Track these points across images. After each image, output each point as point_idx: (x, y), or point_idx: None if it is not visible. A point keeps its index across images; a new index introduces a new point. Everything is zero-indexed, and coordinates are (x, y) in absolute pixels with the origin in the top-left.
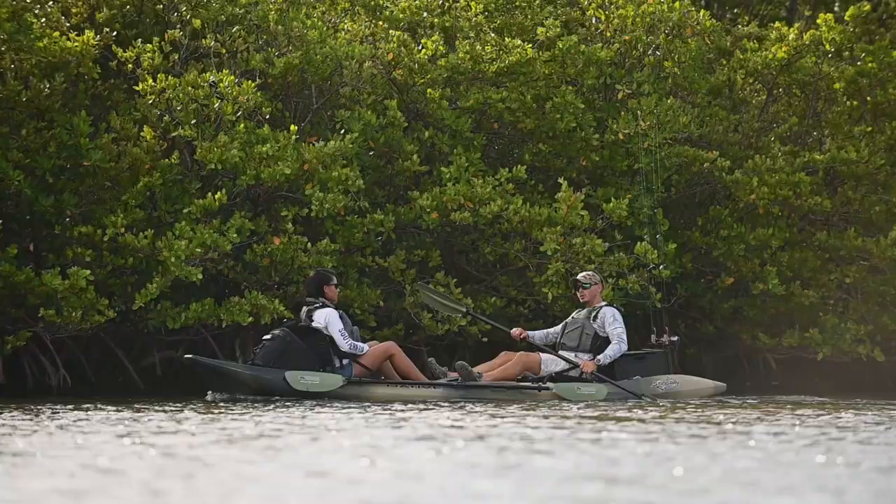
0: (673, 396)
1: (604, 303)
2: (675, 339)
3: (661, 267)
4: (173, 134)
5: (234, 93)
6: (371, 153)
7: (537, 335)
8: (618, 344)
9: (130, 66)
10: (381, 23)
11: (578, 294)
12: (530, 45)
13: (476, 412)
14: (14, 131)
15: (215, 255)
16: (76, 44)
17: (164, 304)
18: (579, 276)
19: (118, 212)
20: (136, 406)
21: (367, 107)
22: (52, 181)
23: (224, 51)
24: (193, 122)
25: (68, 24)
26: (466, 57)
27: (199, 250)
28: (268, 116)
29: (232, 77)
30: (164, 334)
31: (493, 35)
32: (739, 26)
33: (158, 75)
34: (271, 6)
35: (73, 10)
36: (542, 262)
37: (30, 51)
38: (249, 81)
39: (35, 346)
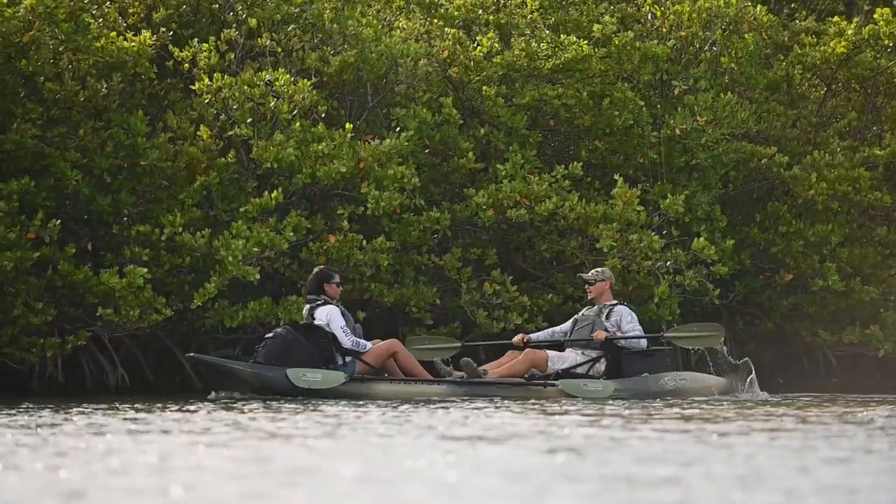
0: (681, 393)
1: (615, 301)
2: None
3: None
4: (229, 133)
5: (290, 91)
6: (426, 151)
7: (541, 335)
8: (637, 334)
9: (187, 65)
10: (436, 20)
11: (587, 291)
12: (586, 42)
13: (541, 413)
14: (72, 131)
15: (272, 253)
16: (133, 44)
17: (221, 303)
18: (587, 274)
19: (175, 211)
20: (194, 404)
21: (422, 104)
22: (109, 181)
23: (280, 49)
24: (249, 120)
25: (125, 25)
26: (522, 54)
27: (255, 249)
28: (323, 115)
29: (288, 76)
30: (222, 333)
31: (548, 32)
32: (797, 21)
33: (215, 74)
34: (326, 5)
35: (130, 11)
36: (598, 259)
37: (87, 51)
38: (305, 80)
39: (94, 346)
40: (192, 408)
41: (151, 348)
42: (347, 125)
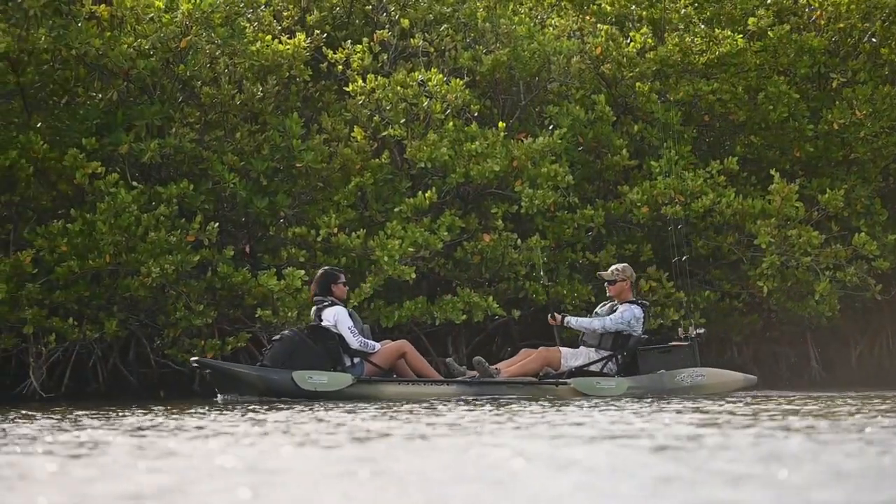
0: (699, 389)
1: (633, 300)
2: (701, 331)
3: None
4: (383, 133)
5: (443, 91)
6: (580, 148)
7: (576, 319)
8: (592, 320)
9: (340, 67)
10: (588, 17)
11: (606, 289)
12: (741, 36)
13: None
14: (228, 135)
15: (426, 253)
16: (288, 47)
17: (377, 303)
18: (606, 272)
19: (330, 212)
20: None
21: (575, 102)
22: (265, 183)
23: (432, 49)
24: (403, 121)
25: (280, 28)
26: (676, 49)
27: (410, 249)
28: (476, 114)
29: (440, 75)
30: (378, 332)
31: (702, 27)
32: None
33: (368, 76)
34: (479, 4)
35: (285, 14)
36: (756, 255)
37: (243, 55)
38: (458, 79)
39: (253, 346)
40: (330, 407)
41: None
42: (500, 124)
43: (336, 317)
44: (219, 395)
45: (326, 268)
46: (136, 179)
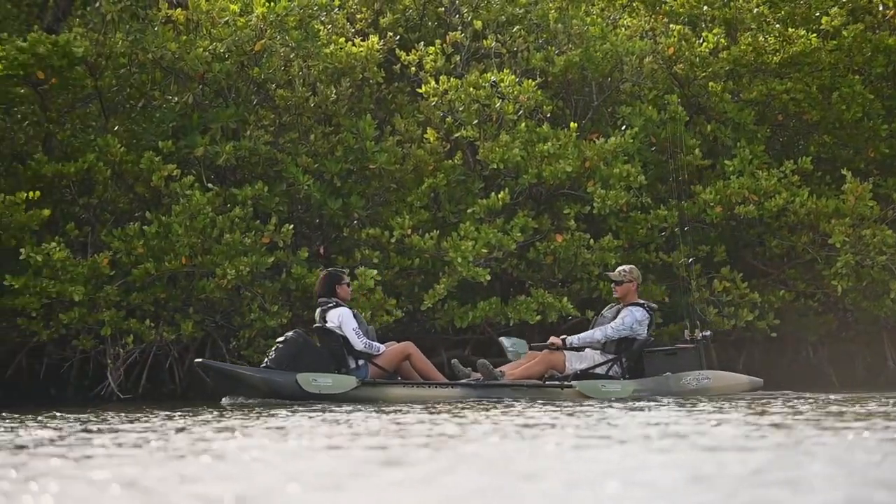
0: (705, 392)
1: (639, 302)
2: (708, 334)
3: None
4: (456, 135)
5: (515, 92)
6: (653, 148)
7: (578, 337)
8: (593, 331)
9: (413, 68)
10: (660, 17)
11: (613, 290)
12: (814, 35)
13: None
14: (303, 137)
15: (499, 254)
16: (361, 49)
17: (450, 304)
18: (613, 273)
19: (404, 213)
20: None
21: (647, 102)
22: (339, 184)
23: (505, 51)
24: (475, 122)
25: (353, 30)
26: (749, 49)
27: (484, 250)
28: (548, 115)
29: (513, 76)
30: (452, 333)
31: (776, 26)
32: None
33: (441, 77)
34: (551, 5)
35: (358, 17)
36: (830, 255)
37: (317, 57)
38: (530, 80)
39: None
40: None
41: None
42: (572, 124)
43: (340, 318)
44: (224, 399)
45: (330, 269)
46: (211, 181)
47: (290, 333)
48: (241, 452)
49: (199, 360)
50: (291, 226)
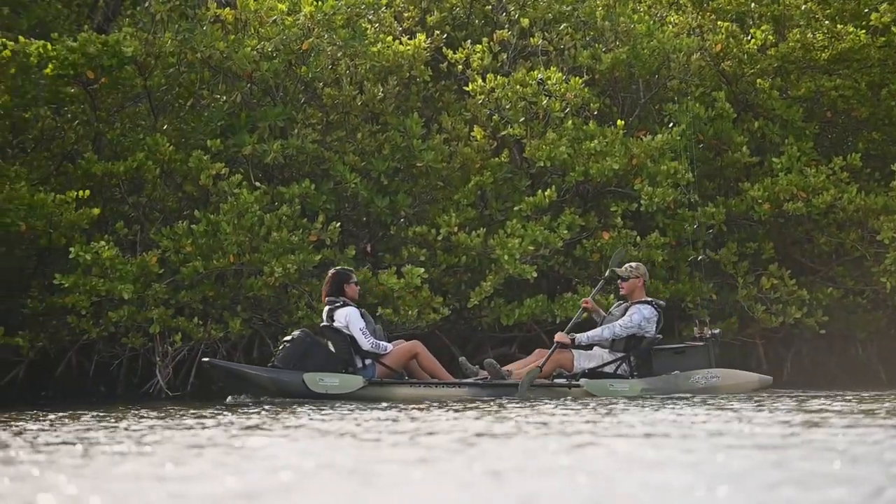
0: (713, 391)
1: (646, 299)
2: (717, 332)
3: None
4: (503, 132)
5: (562, 90)
6: (700, 145)
7: (586, 335)
8: (602, 329)
9: (460, 67)
10: (708, 14)
11: (619, 286)
12: (864, 31)
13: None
14: (350, 135)
15: (546, 251)
16: (408, 47)
17: (497, 301)
18: (620, 269)
19: (451, 211)
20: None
21: (694, 99)
22: (386, 183)
23: (552, 48)
24: (522, 120)
25: (400, 29)
26: (797, 45)
27: (530, 247)
28: (595, 112)
29: (559, 74)
30: (498, 331)
31: (825, 22)
32: None
33: (488, 75)
34: (598, 2)
35: (405, 15)
36: (879, 252)
37: (364, 56)
38: (577, 78)
39: None
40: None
41: (429, 347)
42: (619, 122)
43: (347, 318)
44: (229, 397)
45: (338, 268)
46: (259, 180)
47: (296, 332)
48: (280, 450)
49: (206, 359)
50: (338, 224)
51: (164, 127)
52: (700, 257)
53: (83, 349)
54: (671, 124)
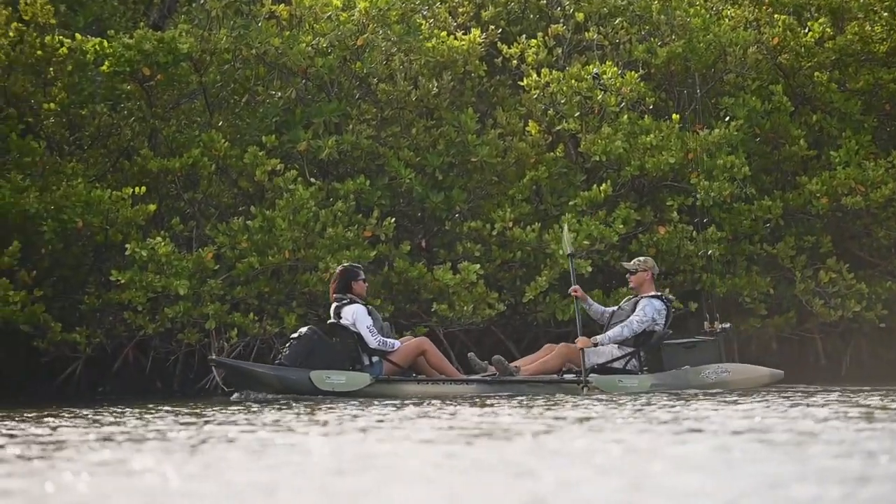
0: (723, 385)
1: (655, 293)
2: (727, 326)
3: None
4: (557, 127)
5: (618, 84)
6: (757, 139)
7: (594, 307)
8: (621, 328)
9: (515, 62)
10: (764, 7)
11: (628, 280)
12: None
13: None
14: (405, 131)
15: (601, 246)
16: (463, 43)
17: (552, 297)
18: (629, 263)
19: (505, 206)
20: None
21: (751, 93)
22: (441, 178)
23: (607, 42)
24: (577, 114)
25: (455, 24)
26: (855, 38)
27: (586, 242)
28: (651, 106)
29: (615, 68)
30: (553, 326)
31: (884, 14)
32: None
33: (542, 70)
34: None
35: (460, 10)
36: None
37: (419, 51)
38: (632, 72)
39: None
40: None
41: (485, 342)
42: (675, 116)
43: (354, 315)
44: (235, 394)
45: (346, 264)
46: (314, 176)
47: (303, 330)
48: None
49: (213, 357)
50: (393, 219)
51: (220, 123)
52: (710, 251)
53: (140, 345)
54: (727, 118)
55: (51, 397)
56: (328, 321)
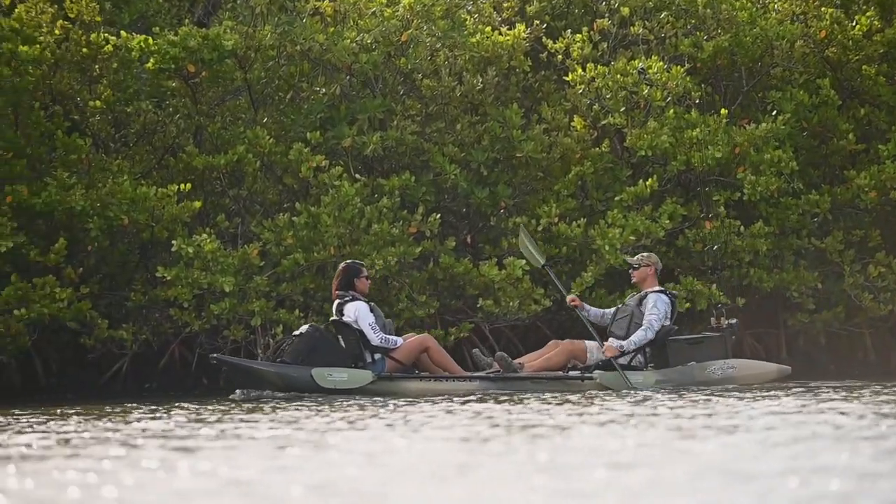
0: (730, 382)
1: (658, 288)
2: (734, 322)
3: None
4: (603, 122)
5: (663, 79)
6: (804, 133)
7: (592, 311)
8: (644, 331)
9: (560, 56)
10: (812, 0)
11: (631, 275)
12: None
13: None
14: (449, 126)
15: (648, 241)
16: (508, 38)
17: (598, 292)
18: (632, 258)
19: (551, 201)
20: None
21: (798, 86)
22: (486, 173)
23: (652, 37)
24: (623, 109)
25: (500, 19)
26: None
27: (631, 237)
28: (697, 101)
29: (661, 63)
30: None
31: None
32: None
33: (588, 65)
34: None
35: (505, 5)
36: None
37: (463, 47)
38: (678, 66)
39: (475, 336)
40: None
41: (530, 338)
42: (722, 110)
43: (357, 312)
44: (236, 392)
45: (349, 261)
46: (359, 172)
47: (305, 327)
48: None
49: (214, 355)
50: (438, 215)
51: (265, 120)
52: (716, 246)
53: (186, 341)
54: (775, 112)
55: (97, 394)
56: (331, 318)
